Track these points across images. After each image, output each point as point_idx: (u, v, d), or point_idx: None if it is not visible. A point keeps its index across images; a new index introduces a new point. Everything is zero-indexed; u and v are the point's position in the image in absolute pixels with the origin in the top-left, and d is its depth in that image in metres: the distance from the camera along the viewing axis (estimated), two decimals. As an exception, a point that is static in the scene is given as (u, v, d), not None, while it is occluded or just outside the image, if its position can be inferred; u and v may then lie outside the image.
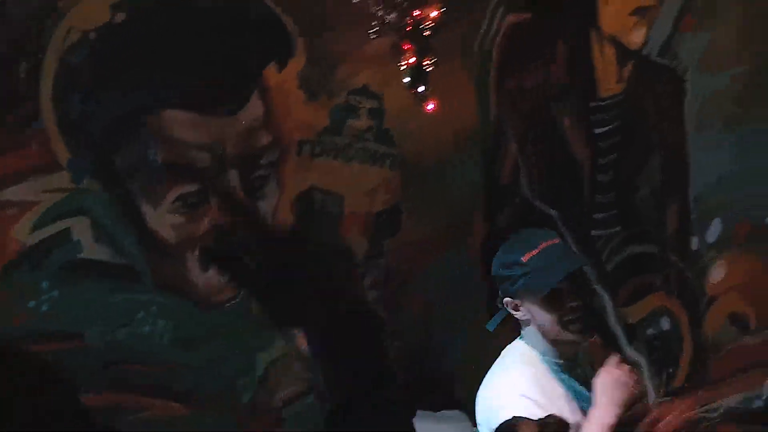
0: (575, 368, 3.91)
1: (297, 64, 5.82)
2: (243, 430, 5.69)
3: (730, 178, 5.26)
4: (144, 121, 5.51)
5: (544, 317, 3.85)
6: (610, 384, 3.61)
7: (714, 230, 5.40)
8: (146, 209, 5.56)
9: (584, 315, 3.63)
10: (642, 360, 5.36)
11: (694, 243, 5.53)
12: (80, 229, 5.47)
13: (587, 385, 3.83)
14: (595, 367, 4.38)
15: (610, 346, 5.50)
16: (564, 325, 3.76)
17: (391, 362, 4.34)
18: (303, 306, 3.75)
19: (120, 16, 5.40)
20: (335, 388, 4.39)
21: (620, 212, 5.66)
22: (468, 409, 5.86)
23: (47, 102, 5.44)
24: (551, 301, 3.73)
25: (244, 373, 5.74)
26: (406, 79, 5.65)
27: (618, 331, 5.48)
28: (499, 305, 4.07)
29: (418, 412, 5.21)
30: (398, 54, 5.70)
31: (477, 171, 6.16)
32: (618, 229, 5.63)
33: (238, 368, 5.73)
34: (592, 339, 5.46)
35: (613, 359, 3.59)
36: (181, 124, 5.57)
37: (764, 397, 5.06)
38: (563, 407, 3.73)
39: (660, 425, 4.99)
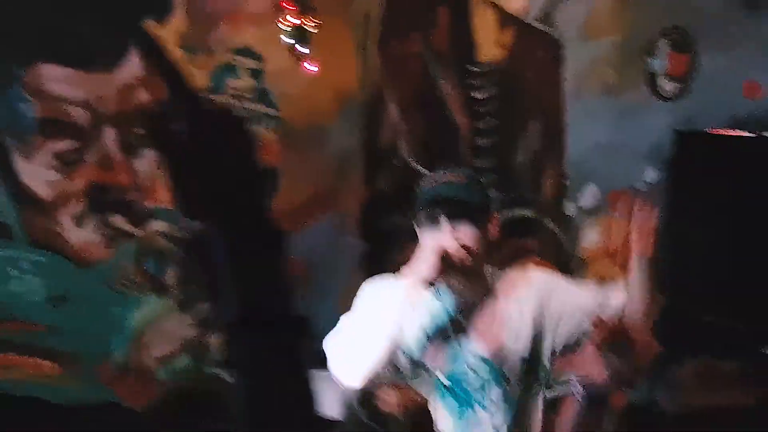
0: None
1: (177, 21, 5.76)
2: (116, 389, 5.64)
3: (605, 145, 5.32)
4: (19, 75, 5.42)
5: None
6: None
7: (588, 196, 5.47)
8: (20, 164, 5.48)
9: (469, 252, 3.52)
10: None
11: (569, 208, 5.59)
12: (-49, 183, 5.39)
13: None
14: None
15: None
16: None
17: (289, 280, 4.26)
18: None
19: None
20: (236, 299, 4.33)
21: (498, 177, 5.70)
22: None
23: None
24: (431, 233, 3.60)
25: (117, 332, 5.69)
26: (287, 40, 5.64)
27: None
28: None
29: (314, 372, 5.21)
30: (280, 14, 5.67)
31: (357, 134, 6.16)
32: (496, 193, 5.67)
33: (111, 327, 5.67)
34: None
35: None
36: (57, 78, 5.49)
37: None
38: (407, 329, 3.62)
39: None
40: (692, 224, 5.28)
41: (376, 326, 3.43)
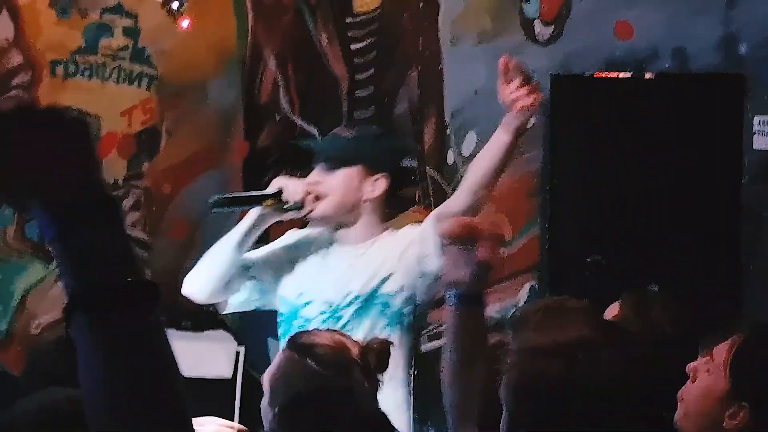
0: None
1: (47, -19, 5.67)
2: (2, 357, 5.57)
3: (484, 92, 5.35)
4: None
5: None
6: None
7: (469, 144, 5.50)
8: None
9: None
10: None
11: (450, 156, 5.61)
12: None
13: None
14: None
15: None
16: None
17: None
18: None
19: None
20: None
21: (379, 127, 5.70)
22: (232, 330, 5.87)
23: None
24: None
25: (0, 301, 5.61)
26: (161, -4, 5.58)
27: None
28: None
29: (176, 332, 5.18)
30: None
31: (236, 90, 6.12)
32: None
33: (-6, 294, 5.59)
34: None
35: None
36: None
37: (521, 304, 5.20)
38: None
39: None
40: (572, 168, 5.34)
41: (224, 240, 3.53)
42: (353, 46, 5.86)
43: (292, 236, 3.68)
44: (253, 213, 3.48)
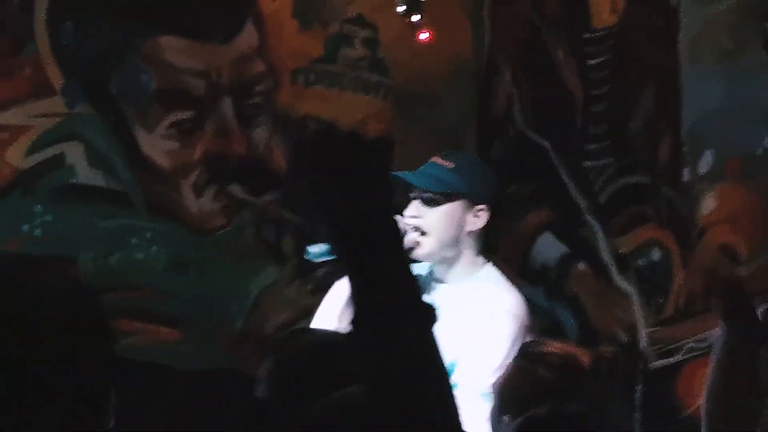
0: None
1: (291, -7, 5.82)
2: (234, 356, 5.72)
3: (722, 109, 5.27)
4: (138, 46, 5.51)
5: None
6: None
7: (706, 161, 5.42)
8: (140, 135, 5.59)
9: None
10: (632, 290, 5.39)
11: (686, 174, 5.54)
12: (74, 153, 5.51)
13: None
14: (583, 295, 4.40)
15: (601, 275, 5.54)
16: None
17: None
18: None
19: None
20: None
21: (613, 143, 5.66)
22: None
23: (41, 27, 5.46)
24: None
25: (236, 300, 5.77)
26: (400, 8, 5.66)
27: (609, 261, 5.50)
28: None
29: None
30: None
31: (470, 102, 6.17)
32: (610, 160, 5.65)
33: (230, 295, 5.76)
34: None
35: None
36: (175, 50, 5.59)
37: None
38: None
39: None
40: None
41: None
42: (589, 62, 5.84)
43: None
44: None
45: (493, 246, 4.02)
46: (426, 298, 1.38)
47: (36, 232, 5.41)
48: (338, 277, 3.69)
